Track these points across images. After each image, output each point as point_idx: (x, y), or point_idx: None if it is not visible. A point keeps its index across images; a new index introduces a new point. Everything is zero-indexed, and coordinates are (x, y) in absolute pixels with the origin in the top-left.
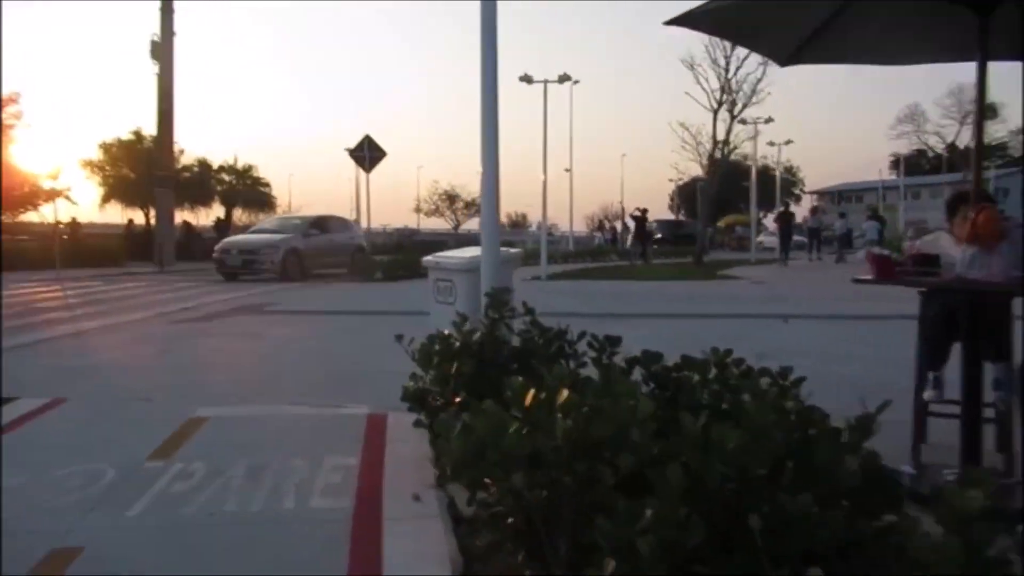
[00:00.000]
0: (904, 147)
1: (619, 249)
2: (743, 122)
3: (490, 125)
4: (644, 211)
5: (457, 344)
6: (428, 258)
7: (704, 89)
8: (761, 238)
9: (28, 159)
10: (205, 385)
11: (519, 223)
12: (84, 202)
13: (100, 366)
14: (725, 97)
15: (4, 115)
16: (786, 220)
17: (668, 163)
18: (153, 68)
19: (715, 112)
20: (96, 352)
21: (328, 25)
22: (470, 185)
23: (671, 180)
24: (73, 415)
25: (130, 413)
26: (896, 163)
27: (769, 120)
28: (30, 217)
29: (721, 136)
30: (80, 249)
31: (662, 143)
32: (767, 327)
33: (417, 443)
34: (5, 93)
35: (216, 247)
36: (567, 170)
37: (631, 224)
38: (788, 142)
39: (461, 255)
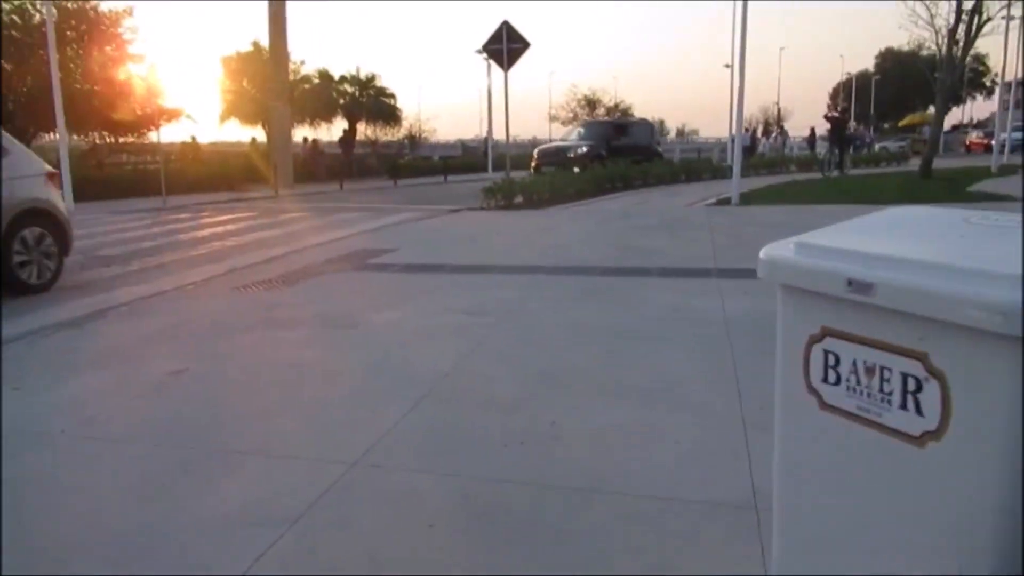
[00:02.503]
0: None
1: (793, 157)
2: None
3: None
4: (844, 111)
5: None
6: (810, 254)
7: None
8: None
9: (149, 76)
10: (207, 494)
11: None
12: (204, 120)
13: (80, 397)
14: None
15: (121, 30)
16: None
17: (833, 55)
18: None
19: None
20: (103, 353)
21: None
22: (609, 89)
23: (848, 73)
24: None
25: None
26: None
27: None
28: (153, 138)
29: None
30: (199, 172)
31: (826, 30)
32: None
33: None
34: (121, 7)
35: None
36: (727, 66)
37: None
38: None
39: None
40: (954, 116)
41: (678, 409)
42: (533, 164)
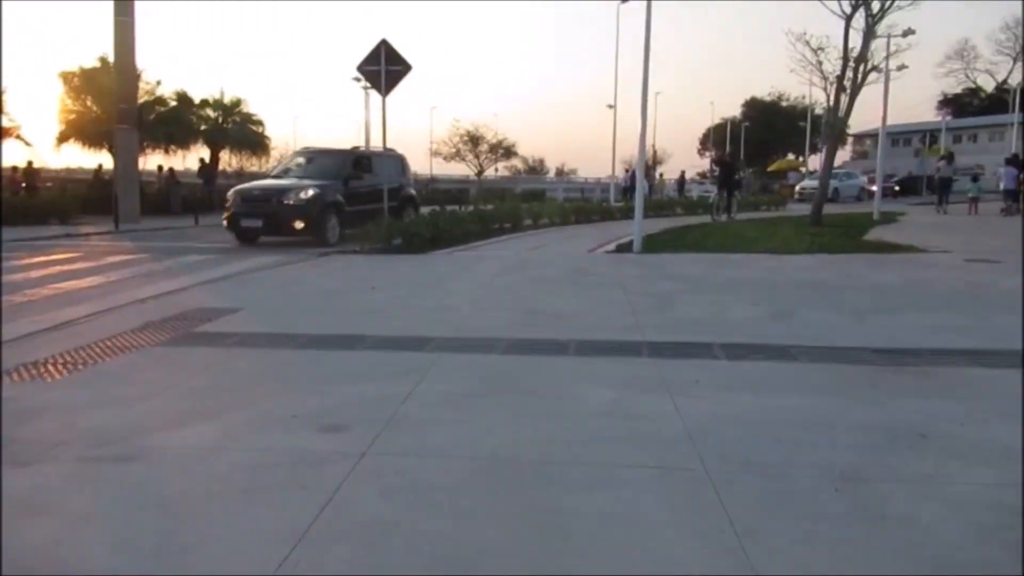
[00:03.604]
0: (952, 86)
1: (678, 200)
2: (874, 36)
3: None
4: (732, 155)
5: None
6: None
7: None
8: (805, 183)
9: None
10: None
11: (536, 169)
12: (41, 142)
13: None
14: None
15: None
16: None
17: (704, 102)
18: None
19: (848, 18)
20: None
21: None
22: (491, 125)
23: (724, 118)
24: None
25: None
26: (944, 103)
27: (909, 32)
28: None
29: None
30: (29, 202)
31: (698, 78)
32: None
33: None
34: None
35: None
36: (610, 106)
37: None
38: (902, 67)
39: None
40: (811, 163)
41: None
42: (225, 215)
